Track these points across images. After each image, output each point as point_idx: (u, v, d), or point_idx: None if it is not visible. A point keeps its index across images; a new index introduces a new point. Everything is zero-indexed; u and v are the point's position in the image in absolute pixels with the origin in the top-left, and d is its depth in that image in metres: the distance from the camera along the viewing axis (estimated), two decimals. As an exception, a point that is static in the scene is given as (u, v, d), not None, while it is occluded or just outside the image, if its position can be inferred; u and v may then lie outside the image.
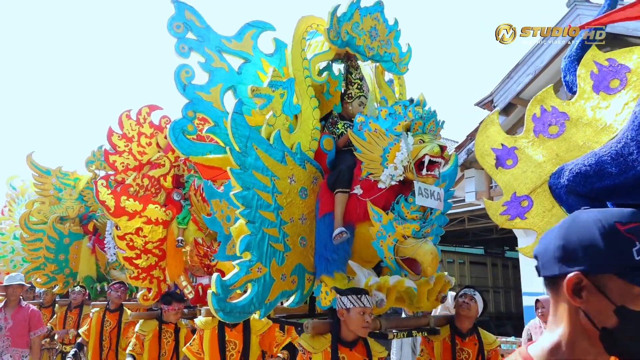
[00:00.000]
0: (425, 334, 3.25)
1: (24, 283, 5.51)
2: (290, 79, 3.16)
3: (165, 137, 6.19)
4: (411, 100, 3.09)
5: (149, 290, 5.42)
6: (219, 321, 3.85)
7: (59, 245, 7.36)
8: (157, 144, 6.19)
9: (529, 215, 2.99)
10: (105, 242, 6.41)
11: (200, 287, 5.33)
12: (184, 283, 5.64)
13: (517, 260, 10.72)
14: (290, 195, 3.02)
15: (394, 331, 3.05)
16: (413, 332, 3.09)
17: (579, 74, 2.83)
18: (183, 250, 5.54)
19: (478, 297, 3.44)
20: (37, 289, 8.33)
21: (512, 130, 8.49)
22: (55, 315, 7.24)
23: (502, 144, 3.15)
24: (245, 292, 2.82)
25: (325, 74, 3.44)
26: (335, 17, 3.24)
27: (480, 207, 10.85)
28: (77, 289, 7.06)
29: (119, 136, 6.01)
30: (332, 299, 3.10)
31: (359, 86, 3.45)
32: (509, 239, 13.09)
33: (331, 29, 3.23)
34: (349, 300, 2.72)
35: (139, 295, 5.43)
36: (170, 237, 5.57)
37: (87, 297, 7.22)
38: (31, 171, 7.63)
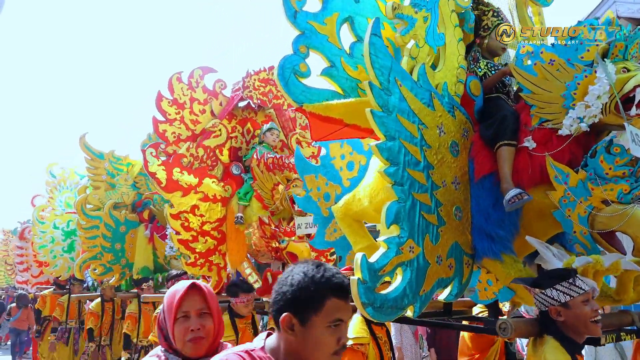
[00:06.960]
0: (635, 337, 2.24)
1: None
2: None
3: (220, 104, 5.05)
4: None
5: (208, 279, 4.42)
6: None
7: (115, 233, 6.48)
8: (212, 112, 5.05)
9: None
10: (167, 231, 5.42)
11: (269, 274, 4.34)
12: (248, 270, 4.65)
13: None
14: (440, 150, 2.08)
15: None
16: (622, 334, 2.10)
17: None
18: (246, 232, 4.57)
19: None
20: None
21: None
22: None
23: None
24: (394, 280, 1.89)
25: (468, -3, 2.47)
26: None
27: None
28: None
29: (169, 102, 4.84)
30: (498, 290, 2.15)
31: (494, 13, 2.48)
32: None
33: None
34: (560, 292, 1.75)
35: None
36: (230, 217, 4.53)
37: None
38: (83, 154, 6.74)
